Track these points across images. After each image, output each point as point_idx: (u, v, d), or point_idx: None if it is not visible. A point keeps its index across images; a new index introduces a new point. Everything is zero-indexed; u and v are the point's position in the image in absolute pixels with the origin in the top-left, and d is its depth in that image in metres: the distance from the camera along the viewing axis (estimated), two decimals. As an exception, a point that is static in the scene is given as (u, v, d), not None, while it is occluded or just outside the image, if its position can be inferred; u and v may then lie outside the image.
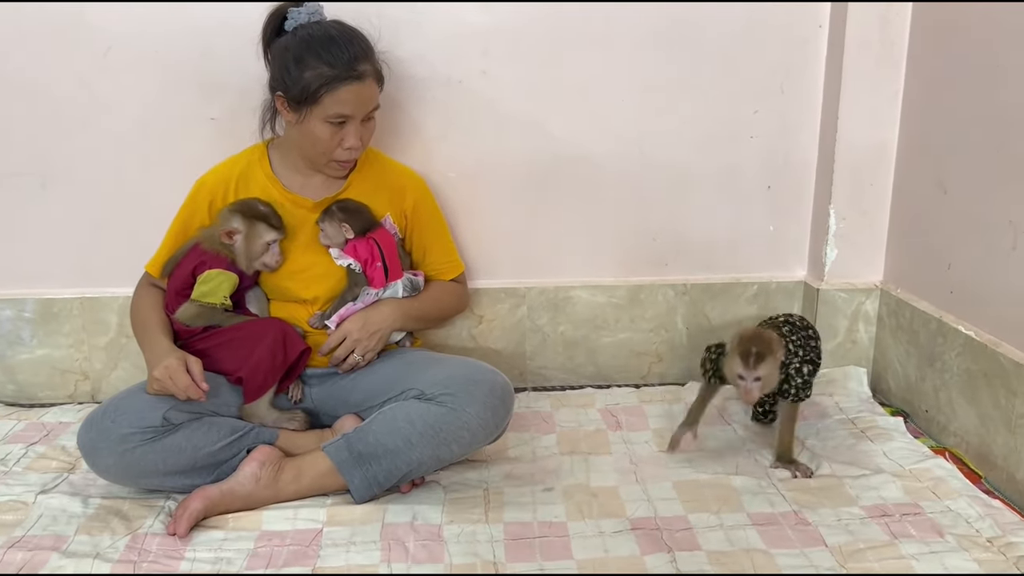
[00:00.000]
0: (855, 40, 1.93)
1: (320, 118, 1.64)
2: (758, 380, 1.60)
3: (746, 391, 1.61)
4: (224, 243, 1.68)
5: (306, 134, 1.68)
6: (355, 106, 1.65)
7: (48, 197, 1.99)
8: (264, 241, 1.69)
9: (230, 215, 1.68)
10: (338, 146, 1.68)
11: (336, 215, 1.73)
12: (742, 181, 2.09)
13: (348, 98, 1.64)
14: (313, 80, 1.61)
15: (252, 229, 1.68)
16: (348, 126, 1.67)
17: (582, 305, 2.13)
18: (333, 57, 1.62)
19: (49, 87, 1.92)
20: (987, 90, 1.69)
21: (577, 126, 2.03)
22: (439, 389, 1.58)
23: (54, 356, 2.07)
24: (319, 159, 1.71)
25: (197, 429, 1.56)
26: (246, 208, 1.69)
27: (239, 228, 1.67)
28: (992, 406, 1.67)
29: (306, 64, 1.62)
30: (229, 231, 1.67)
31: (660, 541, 1.46)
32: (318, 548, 1.44)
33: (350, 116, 1.66)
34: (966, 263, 1.78)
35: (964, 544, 1.43)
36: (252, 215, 1.68)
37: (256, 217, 1.68)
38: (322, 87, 1.61)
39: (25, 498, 1.59)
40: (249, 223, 1.68)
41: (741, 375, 1.61)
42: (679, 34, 1.98)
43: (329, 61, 1.61)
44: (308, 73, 1.61)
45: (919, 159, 1.94)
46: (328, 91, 1.62)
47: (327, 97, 1.62)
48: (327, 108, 1.63)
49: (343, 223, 1.73)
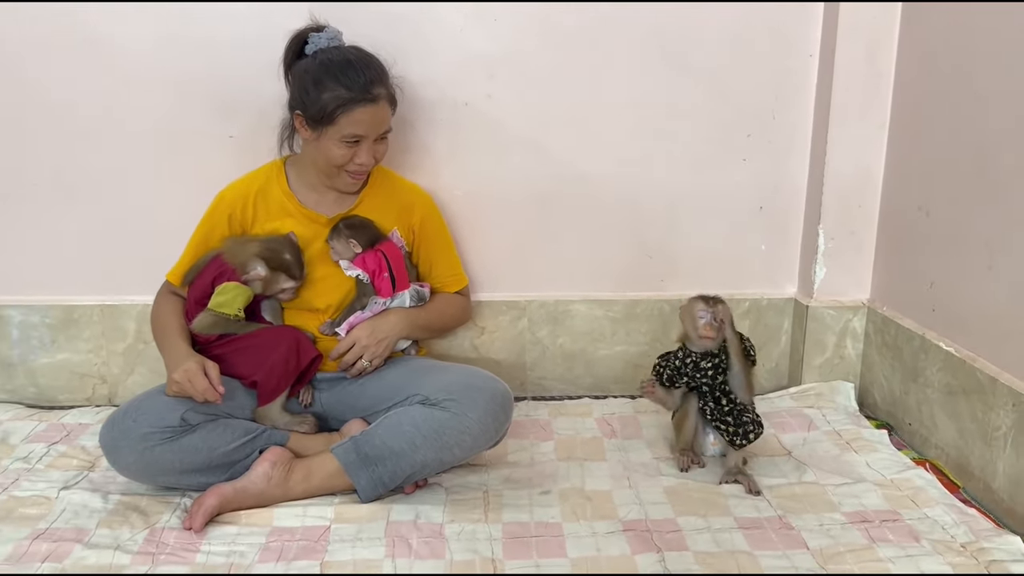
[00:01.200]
0: (844, 70, 2.02)
1: (335, 137, 1.73)
2: (717, 321, 1.74)
3: (707, 325, 1.73)
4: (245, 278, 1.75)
5: (322, 151, 1.76)
6: (368, 127, 1.74)
7: (71, 209, 2.08)
8: (281, 287, 1.78)
9: (256, 260, 1.74)
10: (350, 161, 1.77)
11: (343, 232, 1.81)
12: (735, 202, 2.18)
13: (363, 119, 1.72)
14: (330, 101, 1.70)
15: (274, 277, 1.76)
16: (361, 145, 1.75)
17: (580, 318, 2.21)
18: (350, 80, 1.70)
19: (75, 104, 2.01)
20: (967, 119, 1.77)
21: (577, 148, 2.12)
22: (443, 395, 1.65)
23: (74, 360, 2.15)
24: (332, 173, 1.80)
25: (213, 430, 1.63)
26: (272, 257, 1.75)
27: (262, 275, 1.75)
28: (970, 419, 1.74)
29: (324, 86, 1.70)
30: (253, 276, 1.74)
31: (650, 542, 1.53)
32: (326, 544, 1.52)
33: (364, 136, 1.74)
34: (947, 282, 1.86)
35: (939, 549, 1.50)
36: (276, 266, 1.75)
37: (279, 268, 1.76)
38: (338, 108, 1.70)
39: (48, 493, 1.66)
40: (273, 273, 1.76)
41: (701, 312, 1.74)
42: (676, 62, 2.07)
43: (346, 84, 1.70)
44: (326, 95, 1.70)
45: (904, 183, 2.02)
46: (344, 112, 1.70)
47: (343, 118, 1.71)
48: (342, 128, 1.72)
49: (350, 239, 1.81)
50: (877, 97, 2.04)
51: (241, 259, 1.75)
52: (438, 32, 2.02)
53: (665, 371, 1.80)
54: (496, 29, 2.03)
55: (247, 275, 1.75)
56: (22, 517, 1.58)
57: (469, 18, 2.02)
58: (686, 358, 1.77)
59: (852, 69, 2.02)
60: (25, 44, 1.97)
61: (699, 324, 1.75)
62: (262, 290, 1.77)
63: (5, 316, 2.11)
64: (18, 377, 2.15)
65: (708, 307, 1.75)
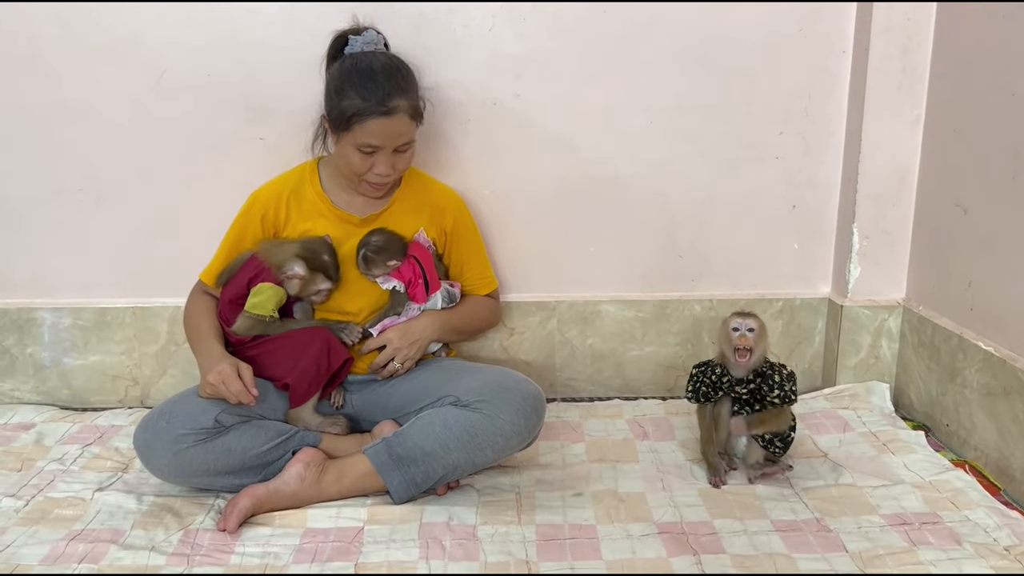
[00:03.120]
0: (877, 67, 1.99)
1: (351, 144, 1.73)
2: (752, 331, 1.69)
3: (742, 336, 1.69)
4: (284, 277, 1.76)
5: (341, 155, 1.77)
6: (383, 139, 1.72)
7: (103, 212, 2.10)
8: (317, 288, 1.79)
9: (295, 259, 1.75)
10: (369, 170, 1.76)
11: (376, 259, 1.79)
12: (767, 200, 2.16)
13: (376, 131, 1.71)
14: (347, 109, 1.69)
15: (312, 277, 1.77)
16: (378, 155, 1.74)
17: (610, 319, 2.20)
18: (367, 91, 1.69)
19: (105, 108, 2.03)
20: (1004, 114, 1.74)
21: (606, 147, 2.11)
22: (474, 396, 1.64)
23: (106, 362, 2.17)
24: (352, 179, 1.80)
25: (246, 431, 1.64)
26: (311, 257, 1.76)
27: (300, 275, 1.75)
28: (1011, 420, 1.71)
29: (344, 93, 1.70)
30: (291, 275, 1.75)
31: (686, 544, 1.51)
32: (360, 545, 1.51)
33: (379, 147, 1.73)
34: (985, 281, 1.83)
35: (981, 552, 1.47)
36: (314, 266, 1.76)
37: (318, 268, 1.77)
38: (353, 117, 1.69)
39: (83, 495, 1.68)
40: (311, 273, 1.76)
41: (736, 326, 1.70)
42: (705, 59, 2.06)
43: (363, 94, 1.69)
44: (345, 102, 1.70)
45: (939, 180, 1.99)
46: (358, 122, 1.69)
47: (357, 127, 1.70)
48: (356, 137, 1.71)
49: (387, 261, 1.80)
50: (912, 93, 2.01)
51: (279, 259, 1.76)
52: (466, 32, 2.02)
53: (701, 386, 1.77)
54: (524, 28, 2.02)
55: (285, 274, 1.75)
56: (58, 518, 1.60)
57: (498, 17, 2.01)
58: (723, 375, 1.74)
59: (886, 66, 1.99)
60: (56, 49, 1.99)
61: (733, 338, 1.70)
62: (298, 291, 1.78)
63: (37, 319, 2.13)
64: (51, 379, 2.17)
65: (742, 319, 1.71)
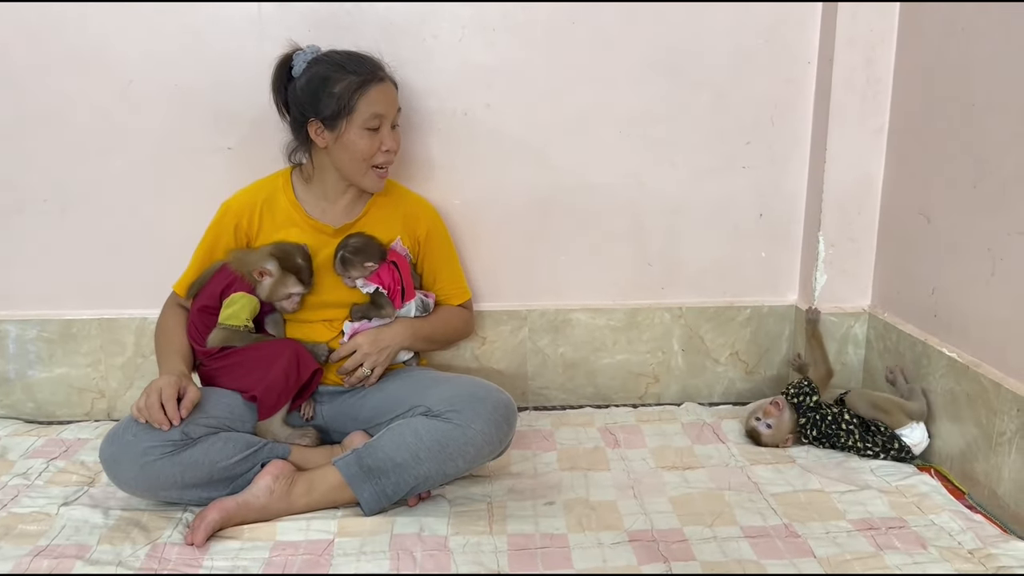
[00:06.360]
0: (842, 77, 2.03)
1: (358, 125, 1.75)
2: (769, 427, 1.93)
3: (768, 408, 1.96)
4: (255, 278, 1.75)
5: (346, 146, 1.77)
6: (385, 105, 1.77)
7: (68, 223, 2.07)
8: (288, 291, 1.77)
9: (269, 257, 1.75)
10: (377, 150, 1.78)
11: (354, 260, 1.79)
12: (735, 209, 2.18)
13: (379, 98, 1.76)
14: (345, 91, 1.73)
15: (283, 277, 1.75)
16: (383, 130, 1.78)
17: (581, 327, 2.21)
18: (356, 66, 1.75)
19: (71, 118, 2.01)
20: (965, 124, 1.78)
21: (576, 157, 2.12)
22: (445, 406, 1.64)
23: (72, 375, 2.14)
24: (360, 169, 1.80)
25: (214, 444, 1.62)
26: (285, 257, 1.76)
27: (272, 272, 1.75)
28: (974, 425, 1.74)
29: (335, 80, 1.73)
30: (262, 271, 1.75)
31: (657, 552, 1.52)
32: (330, 557, 1.50)
33: (383, 116, 1.77)
34: (949, 288, 1.86)
35: (946, 555, 1.50)
36: (287, 266, 1.75)
37: (290, 269, 1.76)
38: (355, 93, 1.73)
39: (48, 509, 1.65)
40: (282, 272, 1.75)
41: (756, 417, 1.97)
42: (674, 69, 2.08)
43: (354, 70, 1.75)
44: (338, 87, 1.73)
45: (903, 189, 2.02)
46: (361, 95, 1.74)
47: (361, 101, 1.74)
48: (363, 113, 1.74)
49: (365, 263, 1.80)
50: (876, 103, 2.04)
51: (251, 261, 1.75)
52: (436, 42, 2.02)
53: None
54: (494, 38, 2.03)
55: (257, 270, 1.74)
56: (22, 534, 1.57)
57: (467, 28, 2.02)
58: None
59: (850, 76, 2.03)
60: (21, 57, 1.97)
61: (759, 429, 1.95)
62: (269, 294, 1.76)
63: (1, 331, 2.10)
64: (15, 392, 2.14)
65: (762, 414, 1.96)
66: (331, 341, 1.83)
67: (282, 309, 1.81)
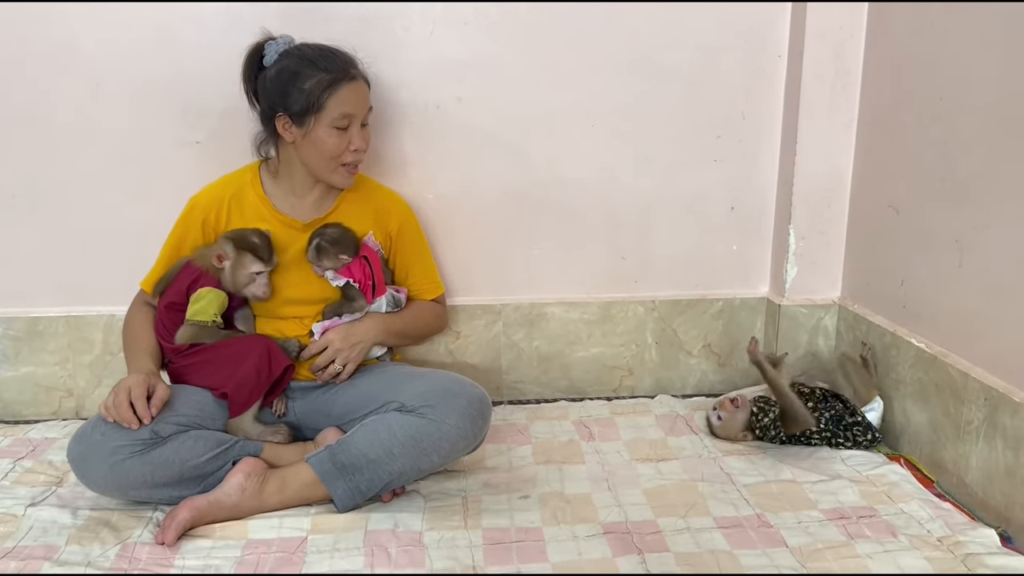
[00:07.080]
0: (812, 71, 2.04)
1: (326, 123, 1.73)
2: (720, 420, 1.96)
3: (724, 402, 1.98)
4: (214, 265, 1.74)
5: (314, 143, 1.75)
6: (355, 105, 1.75)
7: (36, 219, 2.04)
8: (249, 272, 1.75)
9: (225, 241, 1.74)
10: (345, 150, 1.76)
11: (329, 250, 1.78)
12: (707, 203, 2.19)
13: (349, 97, 1.73)
14: (315, 88, 1.70)
15: (240, 258, 1.74)
16: (352, 129, 1.75)
17: (556, 321, 2.21)
18: (328, 63, 1.72)
19: (40, 113, 1.97)
20: (933, 118, 1.80)
21: (549, 151, 2.11)
22: (419, 401, 1.63)
23: (39, 374, 2.10)
24: (328, 166, 1.78)
25: (184, 442, 1.60)
26: (239, 237, 1.75)
27: (228, 255, 1.73)
28: (942, 414, 1.76)
29: (305, 76, 1.71)
30: (219, 255, 1.73)
31: (631, 544, 1.52)
32: (303, 555, 1.49)
33: (353, 115, 1.74)
34: (917, 280, 1.89)
35: (916, 544, 1.51)
36: (242, 245, 1.74)
37: (246, 248, 1.74)
38: (325, 91, 1.70)
39: (15, 511, 1.62)
40: (238, 252, 1.73)
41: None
42: (646, 63, 2.08)
43: (325, 67, 1.71)
44: (308, 83, 1.70)
45: (872, 182, 2.04)
46: (331, 94, 1.71)
47: (330, 100, 1.71)
48: (332, 112, 1.72)
49: (339, 254, 1.78)
50: (845, 97, 2.06)
51: (210, 249, 1.74)
52: (407, 34, 2.01)
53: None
54: (466, 32, 2.02)
55: (215, 255, 1.72)
56: (-12, 536, 1.54)
57: (439, 22, 2.00)
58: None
59: (820, 70, 2.04)
60: (-15, 51, 1.93)
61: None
62: (232, 281, 1.74)
63: (-34, 329, 2.06)
64: (-19, 392, 2.10)
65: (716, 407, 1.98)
66: (302, 337, 1.82)
67: (252, 296, 1.78)
